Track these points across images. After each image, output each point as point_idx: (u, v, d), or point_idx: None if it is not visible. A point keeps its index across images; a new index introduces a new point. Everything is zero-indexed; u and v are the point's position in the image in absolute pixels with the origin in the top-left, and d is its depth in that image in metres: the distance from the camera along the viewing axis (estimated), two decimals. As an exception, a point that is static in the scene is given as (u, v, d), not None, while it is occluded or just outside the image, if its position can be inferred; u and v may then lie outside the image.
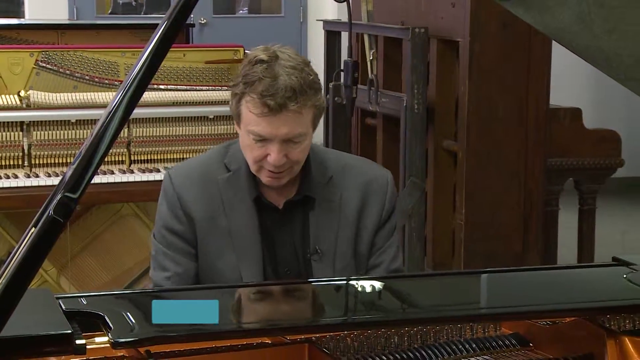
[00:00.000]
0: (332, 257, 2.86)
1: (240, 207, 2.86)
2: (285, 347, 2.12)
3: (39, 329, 1.93)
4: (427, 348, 2.21)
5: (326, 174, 2.90)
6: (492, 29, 5.02)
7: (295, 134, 2.72)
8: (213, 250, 2.87)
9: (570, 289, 2.52)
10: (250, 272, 2.83)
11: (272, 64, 2.69)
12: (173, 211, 2.88)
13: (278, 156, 2.71)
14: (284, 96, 2.65)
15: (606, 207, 6.53)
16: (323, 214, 2.89)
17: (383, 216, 2.93)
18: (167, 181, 2.92)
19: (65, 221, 1.73)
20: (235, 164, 2.88)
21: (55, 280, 4.71)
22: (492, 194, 5.16)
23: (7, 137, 4.48)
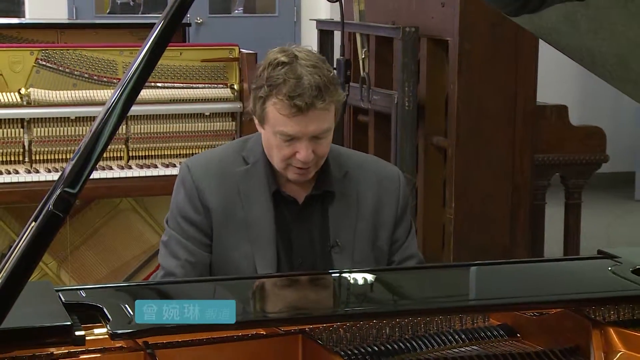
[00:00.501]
0: (351, 250, 2.88)
1: (258, 200, 2.88)
2: (280, 337, 2.12)
3: (40, 321, 1.94)
4: (417, 339, 2.21)
5: (342, 169, 2.93)
6: (480, 29, 5.02)
7: (322, 130, 2.76)
8: (229, 241, 2.87)
9: (557, 281, 2.52)
10: (264, 262, 2.84)
11: (293, 65, 2.72)
12: (191, 201, 2.88)
13: (307, 153, 2.74)
14: (311, 95, 2.68)
15: (591, 202, 6.55)
16: (341, 208, 2.91)
17: (399, 212, 2.96)
18: (185, 171, 2.92)
19: (64, 216, 1.73)
20: (253, 157, 2.90)
21: (56, 273, 4.71)
22: (480, 189, 5.16)
23: (8, 134, 4.49)
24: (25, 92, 4.51)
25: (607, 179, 8.01)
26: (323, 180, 2.89)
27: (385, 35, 5.42)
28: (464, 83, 5.05)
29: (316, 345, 2.08)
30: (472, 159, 5.13)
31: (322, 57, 2.85)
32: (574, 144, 5.38)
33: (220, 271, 2.87)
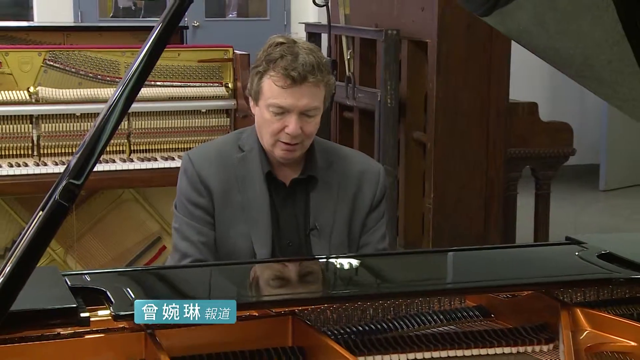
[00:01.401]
0: (328, 234, 2.89)
1: (253, 184, 2.90)
2: (271, 319, 2.11)
3: (47, 303, 1.93)
4: (399, 319, 2.21)
5: (327, 159, 2.95)
6: (457, 31, 5.02)
7: (312, 106, 2.79)
8: (227, 220, 2.90)
9: (528, 265, 2.52)
10: (260, 241, 2.87)
11: (291, 45, 2.79)
12: (194, 186, 2.90)
13: (295, 127, 2.76)
14: (304, 70, 2.73)
15: (559, 192, 6.56)
16: (323, 194, 2.92)
17: (374, 202, 2.97)
18: (187, 161, 2.95)
19: (70, 205, 1.72)
20: (249, 145, 2.92)
21: (62, 258, 4.70)
22: (457, 180, 5.17)
23: (18, 129, 4.48)
24: (33, 91, 4.50)
25: (574, 171, 8.02)
26: (309, 167, 2.92)
27: (369, 37, 5.42)
28: (442, 82, 5.06)
29: (305, 326, 2.08)
30: (449, 152, 5.14)
31: (318, 48, 2.90)
32: (543, 139, 5.39)
33: (220, 249, 2.90)
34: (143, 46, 1.82)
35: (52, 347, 1.94)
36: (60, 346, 1.95)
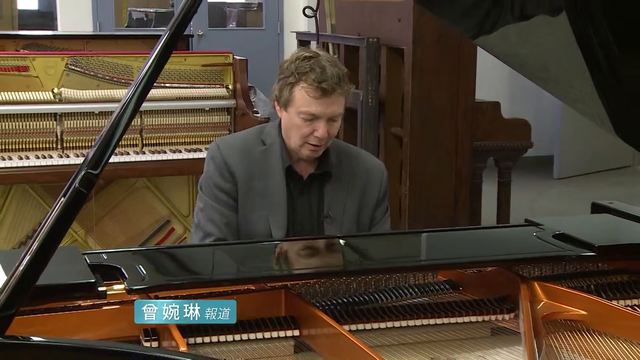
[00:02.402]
0: (340, 222, 2.92)
1: (273, 174, 2.91)
2: (266, 292, 2.11)
3: (69, 279, 1.92)
4: (379, 292, 2.21)
5: (339, 156, 2.97)
6: (430, 39, 5.02)
7: (338, 113, 2.83)
8: (248, 205, 2.91)
9: (492, 244, 2.52)
10: (277, 225, 2.89)
11: (317, 59, 2.80)
12: (221, 173, 2.91)
13: (324, 131, 2.79)
14: (333, 82, 2.76)
15: (519, 180, 6.56)
16: (335, 188, 2.94)
17: (380, 196, 3.01)
18: (215, 150, 2.95)
19: (88, 192, 1.71)
20: (270, 139, 2.93)
21: (83, 239, 4.70)
22: (430, 170, 5.17)
23: (44, 126, 4.48)
24: (57, 92, 4.50)
25: (532, 161, 8.03)
26: (324, 163, 2.93)
27: (352, 44, 5.41)
28: (416, 83, 5.05)
29: (296, 298, 2.07)
30: (423, 145, 5.13)
31: (337, 58, 2.96)
32: (505, 133, 5.40)
33: (241, 230, 2.92)
34: (152, 52, 1.81)
35: (74, 317, 1.94)
36: (80, 316, 1.95)
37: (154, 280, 1.99)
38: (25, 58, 4.57)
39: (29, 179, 4.43)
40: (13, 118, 4.42)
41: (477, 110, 5.26)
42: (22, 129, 4.44)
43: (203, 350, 1.93)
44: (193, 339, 1.94)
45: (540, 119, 8.30)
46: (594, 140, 8.39)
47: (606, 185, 8.38)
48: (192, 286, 2.06)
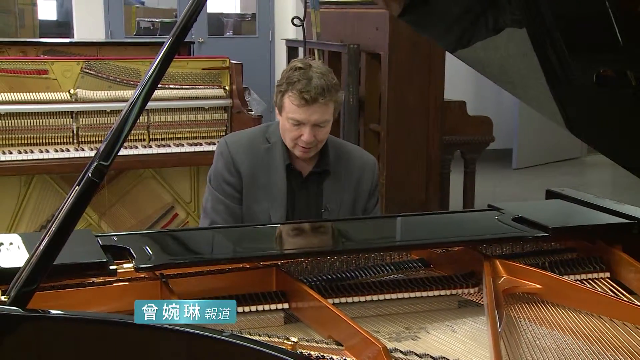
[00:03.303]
0: (336, 213, 2.89)
1: (275, 171, 2.88)
2: (259, 269, 2.10)
3: (83, 258, 1.91)
4: (359, 270, 2.20)
5: (336, 154, 2.94)
6: (404, 46, 5.02)
7: (322, 120, 2.77)
8: (252, 198, 2.88)
9: (459, 227, 2.52)
10: (276, 217, 2.86)
11: (307, 70, 2.75)
12: (228, 168, 2.88)
13: (309, 136, 2.76)
14: (316, 93, 2.71)
15: (482, 170, 6.57)
16: (333, 183, 2.91)
17: (371, 188, 2.98)
18: (224, 146, 2.92)
19: (100, 181, 1.70)
20: (274, 138, 2.90)
21: (97, 223, 4.69)
22: (404, 162, 5.17)
23: (62, 123, 4.47)
24: (73, 92, 4.49)
25: (493, 153, 8.03)
26: (323, 162, 2.91)
27: (335, 50, 5.40)
28: (392, 85, 5.06)
29: (286, 275, 2.07)
30: (398, 140, 5.14)
31: (330, 70, 2.87)
32: (470, 129, 5.41)
33: (245, 220, 2.89)
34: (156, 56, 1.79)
35: (88, 292, 1.93)
36: (93, 292, 1.94)
37: (159, 259, 1.98)
38: (44, 62, 4.56)
39: (49, 170, 4.42)
40: (34, 116, 4.41)
41: (445, 109, 5.27)
42: (42, 125, 4.43)
43: (203, 322, 1.93)
44: (194, 312, 1.93)
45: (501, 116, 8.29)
46: (547, 134, 8.42)
47: (558, 174, 8.41)
48: (193, 265, 2.05)
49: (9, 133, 4.37)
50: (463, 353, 1.83)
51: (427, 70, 5.12)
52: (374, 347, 1.71)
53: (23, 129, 4.39)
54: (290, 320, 2.01)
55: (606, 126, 2.17)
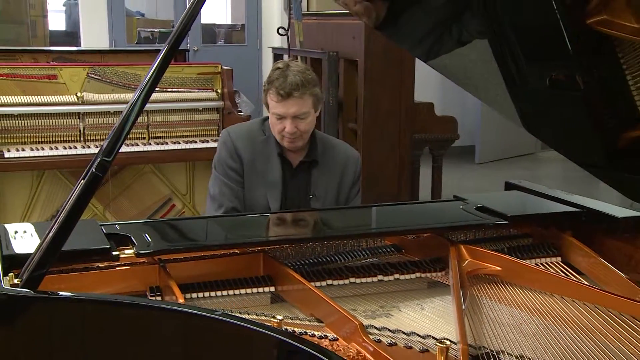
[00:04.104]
0: (322, 200, 2.90)
1: (271, 159, 2.89)
2: (248, 255, 2.10)
3: (88, 245, 1.91)
4: (338, 254, 2.20)
5: (323, 147, 2.94)
6: (378, 53, 5.02)
7: (300, 112, 2.77)
8: (251, 182, 2.89)
9: (427, 215, 2.52)
10: (273, 201, 2.87)
11: (285, 69, 2.78)
12: (231, 155, 2.89)
13: (290, 127, 2.77)
14: (290, 88, 2.73)
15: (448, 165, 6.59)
16: (320, 172, 2.92)
17: (354, 179, 2.99)
18: (227, 136, 2.93)
19: (103, 176, 1.69)
20: (269, 131, 2.90)
21: (102, 213, 4.67)
22: (379, 157, 5.17)
23: (69, 123, 4.43)
24: (80, 95, 4.46)
25: (458, 150, 8.06)
26: (312, 153, 2.92)
27: (316, 57, 5.39)
28: (367, 89, 5.06)
29: (272, 260, 2.07)
30: (373, 137, 5.14)
31: (308, 68, 2.88)
32: (437, 128, 5.42)
33: (246, 202, 2.90)
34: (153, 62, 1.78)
35: (93, 276, 1.93)
36: (98, 275, 1.93)
37: (157, 245, 1.97)
38: (54, 68, 4.54)
39: (58, 166, 4.40)
40: (45, 117, 4.38)
41: (415, 109, 5.27)
42: (52, 125, 4.40)
43: (197, 302, 1.92)
44: (189, 294, 1.92)
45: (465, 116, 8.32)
46: (506, 132, 8.46)
47: (516, 168, 8.44)
48: (189, 251, 2.05)
49: (22, 132, 4.34)
50: (431, 329, 1.83)
51: (398, 75, 5.12)
52: (351, 324, 1.71)
53: (35, 128, 4.36)
54: (276, 300, 2.00)
55: (558, 125, 2.18)
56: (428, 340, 1.73)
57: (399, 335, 1.76)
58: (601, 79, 1.88)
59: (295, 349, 1.40)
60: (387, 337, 1.75)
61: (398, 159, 5.23)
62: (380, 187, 5.19)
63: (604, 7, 1.71)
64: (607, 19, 1.73)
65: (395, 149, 5.22)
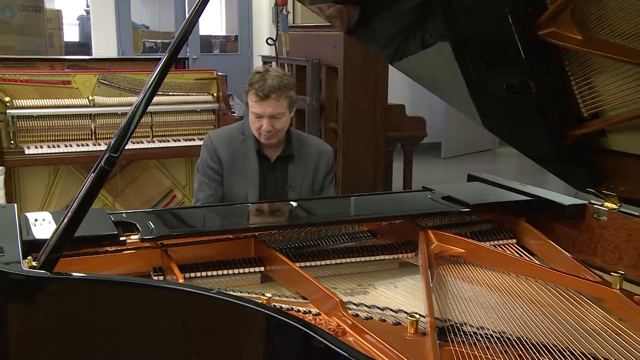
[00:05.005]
0: (299, 190, 2.88)
1: (249, 157, 2.86)
2: (240, 239, 2.08)
3: (98, 231, 1.89)
4: (320, 239, 2.19)
5: (298, 143, 2.92)
6: (355, 61, 5.01)
7: (276, 112, 2.75)
8: (231, 180, 2.86)
9: (399, 204, 2.52)
10: (251, 193, 2.85)
11: (264, 74, 2.76)
12: (211, 157, 2.87)
13: (267, 126, 2.76)
14: (268, 90, 2.71)
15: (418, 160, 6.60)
16: (296, 166, 2.90)
17: (327, 171, 2.97)
18: (208, 139, 2.91)
19: (110, 169, 1.68)
20: (248, 131, 2.88)
21: (111, 203, 4.64)
22: (356, 153, 5.17)
23: (82, 123, 4.41)
24: (91, 99, 4.43)
25: (426, 146, 8.08)
26: (288, 148, 2.90)
27: (301, 64, 5.38)
28: (346, 92, 5.05)
29: (262, 244, 2.06)
30: (351, 136, 5.14)
31: (287, 73, 2.87)
32: (408, 126, 5.43)
33: (226, 197, 2.88)
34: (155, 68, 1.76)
35: (102, 259, 1.91)
36: (107, 258, 1.91)
37: (159, 232, 1.95)
38: (68, 75, 4.52)
39: (72, 161, 4.36)
40: (60, 118, 4.35)
41: (388, 111, 5.27)
42: (66, 125, 4.37)
43: (195, 282, 1.91)
44: (188, 274, 1.91)
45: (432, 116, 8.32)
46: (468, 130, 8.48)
47: (477, 162, 8.47)
48: (188, 236, 2.03)
49: (40, 131, 4.32)
50: (403, 304, 1.83)
51: (374, 80, 5.12)
52: (332, 301, 1.70)
53: (51, 128, 4.34)
54: (266, 280, 1.99)
55: (513, 124, 2.18)
56: (400, 314, 1.73)
57: (374, 310, 1.76)
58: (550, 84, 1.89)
59: (282, 323, 1.39)
60: (364, 311, 1.74)
61: (373, 154, 5.23)
62: (358, 180, 5.19)
63: (552, 21, 1.72)
64: (555, 31, 1.74)
65: (371, 146, 5.22)
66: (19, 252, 1.69)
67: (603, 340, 1.61)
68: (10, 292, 1.60)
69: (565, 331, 1.65)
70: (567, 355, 1.53)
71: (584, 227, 2.20)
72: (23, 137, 4.29)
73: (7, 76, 4.35)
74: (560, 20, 1.70)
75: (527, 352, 1.53)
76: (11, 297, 1.60)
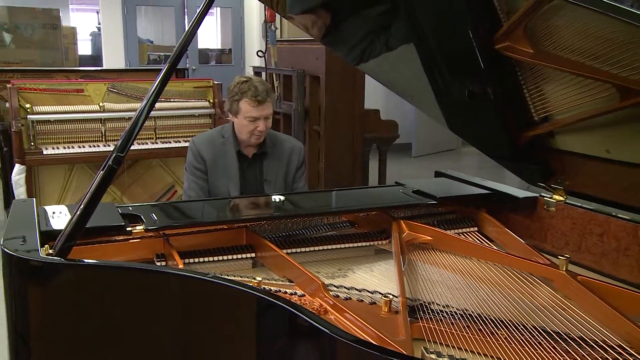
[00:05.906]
0: (274, 183, 2.86)
1: (230, 156, 2.84)
2: (234, 229, 2.07)
3: (107, 222, 1.87)
4: (305, 229, 2.18)
5: (272, 141, 2.90)
6: (336, 71, 5.02)
7: (269, 113, 2.77)
8: (214, 177, 2.84)
9: (375, 197, 2.52)
10: (233, 188, 2.83)
11: (250, 82, 2.75)
12: (195, 157, 2.85)
13: (263, 126, 2.75)
14: (264, 94, 2.71)
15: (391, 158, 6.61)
16: (271, 162, 2.88)
17: (299, 164, 2.94)
18: (192, 143, 2.90)
19: (117, 167, 1.66)
20: (227, 134, 2.87)
21: (120, 197, 4.62)
22: (337, 153, 5.17)
23: (93, 126, 4.39)
24: (102, 105, 4.41)
25: (399, 146, 8.09)
26: (263, 147, 2.88)
27: (287, 74, 5.37)
28: (328, 99, 5.05)
29: (253, 234, 2.04)
30: (332, 137, 5.14)
31: (264, 80, 2.89)
32: (382, 129, 5.44)
33: (211, 192, 2.86)
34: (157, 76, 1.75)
35: (111, 247, 1.88)
36: (115, 246, 1.89)
37: (162, 222, 1.94)
38: (81, 84, 4.49)
39: (85, 160, 4.34)
40: (74, 122, 4.33)
41: (365, 115, 5.28)
42: (80, 128, 4.35)
43: (194, 267, 1.89)
44: (187, 260, 1.90)
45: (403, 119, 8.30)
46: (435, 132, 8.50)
47: (442, 160, 8.49)
48: (187, 226, 2.01)
49: (57, 134, 4.30)
50: (378, 285, 1.82)
51: (352, 88, 5.12)
52: (315, 283, 1.70)
53: (66, 131, 4.31)
54: (256, 265, 1.98)
55: (475, 126, 2.18)
56: (375, 295, 1.73)
57: (352, 291, 1.76)
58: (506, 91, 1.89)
59: (271, 304, 1.39)
60: (343, 293, 1.74)
61: (352, 153, 5.24)
62: (339, 176, 5.19)
63: (507, 36, 1.73)
64: (510, 45, 1.74)
65: (350, 146, 5.22)
66: (37, 241, 1.67)
67: (551, 315, 1.62)
68: (30, 277, 1.58)
69: (519, 308, 1.66)
70: (521, 328, 1.54)
71: (535, 217, 2.21)
72: (41, 140, 4.25)
73: (28, 85, 4.33)
74: (514, 35, 1.71)
75: (487, 326, 1.54)
76: (31, 281, 1.58)
